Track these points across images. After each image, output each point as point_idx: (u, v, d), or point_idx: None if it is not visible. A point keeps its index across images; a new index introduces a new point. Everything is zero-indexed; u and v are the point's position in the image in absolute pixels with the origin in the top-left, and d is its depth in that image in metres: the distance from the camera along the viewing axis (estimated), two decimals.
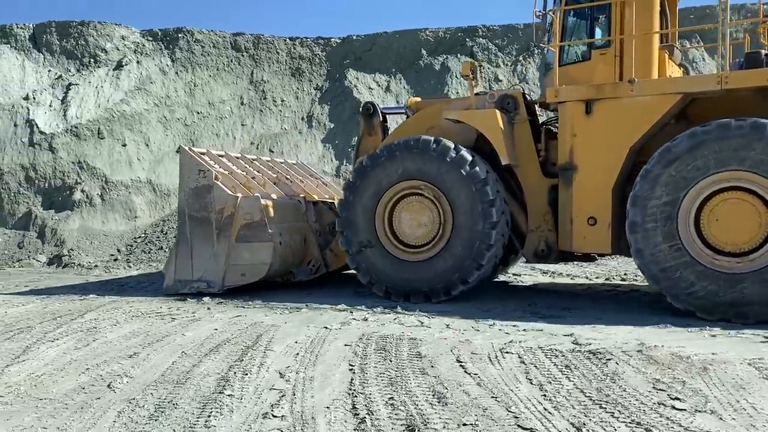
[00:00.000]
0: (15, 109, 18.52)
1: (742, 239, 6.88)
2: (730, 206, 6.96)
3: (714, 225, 7.00)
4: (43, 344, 6.08)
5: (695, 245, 7.02)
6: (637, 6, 7.86)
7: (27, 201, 17.21)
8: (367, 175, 8.73)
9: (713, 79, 7.43)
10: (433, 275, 8.30)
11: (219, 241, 9.16)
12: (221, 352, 5.70)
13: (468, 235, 8.15)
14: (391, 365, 5.16)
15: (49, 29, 20.27)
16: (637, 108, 7.71)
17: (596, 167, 7.93)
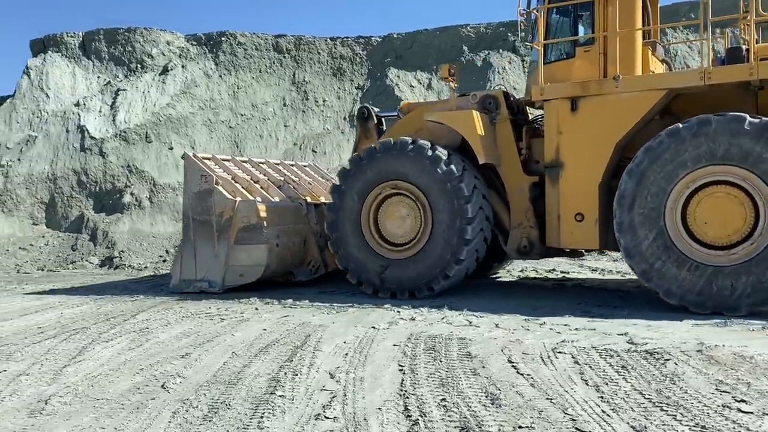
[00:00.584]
0: (66, 115, 19.11)
1: (728, 232, 6.93)
2: (715, 200, 7.01)
3: (701, 219, 7.06)
4: (98, 345, 6.22)
5: (683, 240, 7.08)
6: (619, 3, 7.94)
7: (79, 204, 17.72)
8: (351, 178, 9.01)
9: (696, 75, 7.47)
10: (416, 272, 8.55)
11: (219, 242, 9.55)
12: (271, 352, 5.73)
13: (446, 231, 8.37)
14: (442, 366, 5.10)
15: (98, 37, 20.83)
16: (622, 104, 7.76)
17: (583, 164, 8.03)
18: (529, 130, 9.02)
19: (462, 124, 8.75)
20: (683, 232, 7.11)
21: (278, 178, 11.14)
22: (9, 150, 18.45)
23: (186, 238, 9.94)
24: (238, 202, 9.50)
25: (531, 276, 11.05)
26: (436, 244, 8.45)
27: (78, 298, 9.76)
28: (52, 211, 17.85)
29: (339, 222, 9.06)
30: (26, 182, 17.97)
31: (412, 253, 8.65)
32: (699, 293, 6.92)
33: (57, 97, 19.51)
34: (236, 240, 9.44)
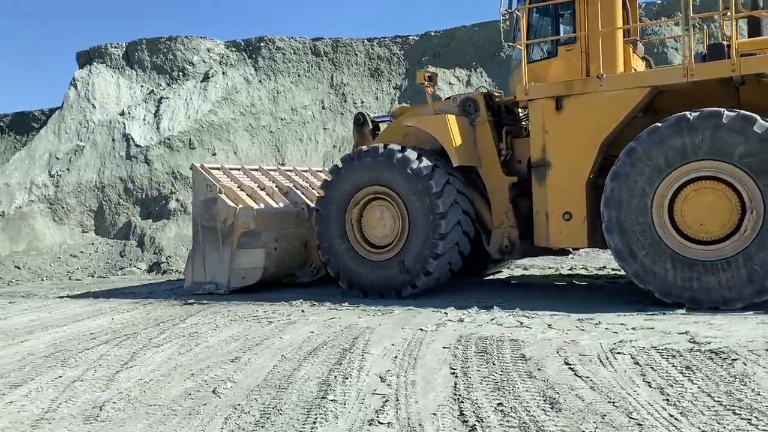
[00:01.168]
0: (112, 124, 19.54)
1: (716, 227, 6.94)
2: (701, 196, 7.02)
3: (688, 216, 7.08)
4: (149, 350, 6.26)
5: (672, 238, 7.10)
6: (600, 2, 8.02)
7: (126, 212, 18.09)
8: (332, 186, 9.35)
9: (679, 72, 7.50)
10: (399, 270, 8.77)
11: (224, 247, 10.14)
12: (320, 355, 5.67)
13: (421, 228, 8.60)
14: (495, 368, 4.95)
15: (140, 47, 21.25)
16: (606, 102, 7.80)
17: (569, 163, 8.06)
18: (511, 131, 9.14)
19: (435, 128, 8.95)
20: (671, 229, 7.12)
21: (285, 185, 11.54)
22: (58, 160, 18.95)
23: (195, 243, 10.54)
24: (239, 209, 10.02)
25: (581, 274, 10.77)
26: (414, 243, 8.67)
27: (128, 303, 9.91)
28: (101, 219, 18.26)
29: (326, 229, 9.37)
30: (75, 191, 18.43)
31: (393, 254, 8.91)
32: (692, 289, 6.93)
33: (103, 107, 19.98)
34: (238, 245, 9.98)
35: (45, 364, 5.88)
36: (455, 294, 9.01)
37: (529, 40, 8.54)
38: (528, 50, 8.55)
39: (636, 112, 7.79)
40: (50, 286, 13.42)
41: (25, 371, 5.64)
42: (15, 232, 17.12)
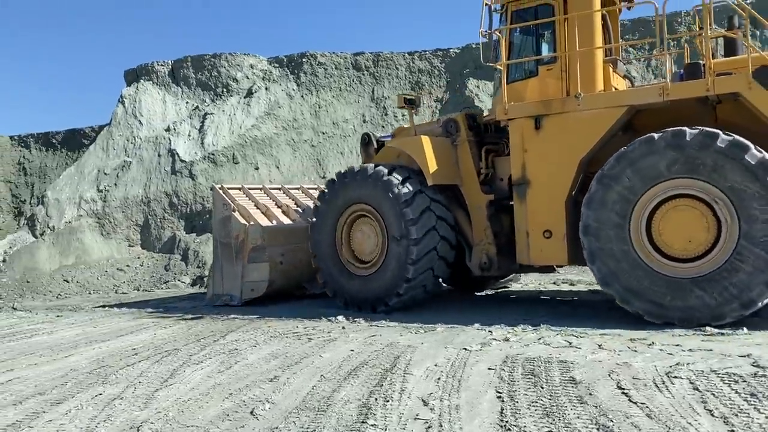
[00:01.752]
0: (158, 140, 19.91)
1: (692, 245, 6.98)
2: (678, 214, 7.08)
3: (665, 233, 7.13)
4: (188, 367, 6.21)
5: (650, 255, 7.14)
6: (579, 22, 8.09)
7: (171, 226, 18.35)
8: (325, 202, 9.78)
9: (655, 91, 7.56)
10: (376, 287, 9.12)
11: (237, 262, 10.74)
12: (360, 375, 5.51)
13: (396, 251, 8.94)
14: (544, 392, 4.70)
15: (186, 64, 21.66)
16: (584, 121, 7.88)
17: (548, 181, 8.16)
18: (492, 150, 9.30)
19: (412, 149, 9.27)
20: (649, 246, 7.17)
21: (303, 202, 12.03)
22: (107, 176, 19.39)
23: (215, 258, 11.30)
24: (248, 226, 10.64)
25: None
26: (389, 263, 9.01)
27: (170, 318, 9.95)
28: (147, 233, 18.57)
29: (319, 239, 9.82)
30: (122, 206, 18.80)
31: (373, 271, 9.25)
32: (679, 308, 6.92)
33: (149, 123, 20.40)
34: (248, 259, 10.55)
35: (86, 380, 5.88)
36: (501, 310, 8.76)
37: (509, 60, 8.69)
38: (510, 70, 8.71)
39: (614, 131, 7.83)
40: (97, 300, 13.65)
41: (66, 388, 5.64)
42: (64, 246, 17.55)
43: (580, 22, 8.12)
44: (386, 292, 9.01)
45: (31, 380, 6.03)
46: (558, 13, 8.37)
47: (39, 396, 5.41)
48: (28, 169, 23.17)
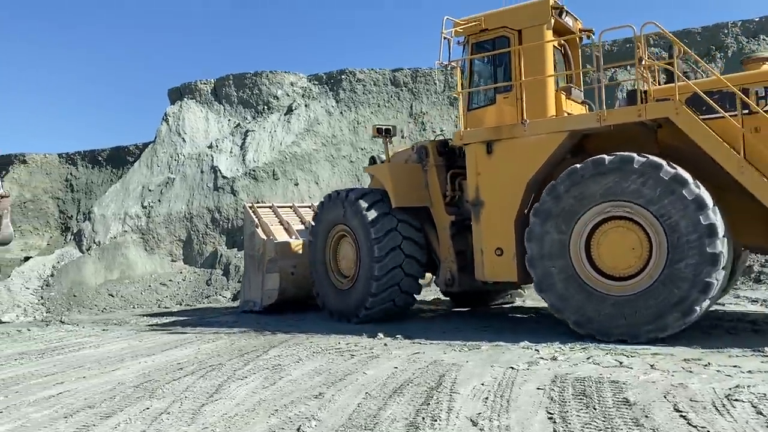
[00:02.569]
0: (201, 157, 20.27)
1: (626, 264, 7.38)
2: (614, 235, 7.52)
3: (602, 252, 7.58)
4: (233, 382, 6.22)
5: (588, 273, 7.59)
6: (531, 54, 8.67)
7: (213, 241, 18.60)
8: (317, 222, 10.86)
9: (594, 117, 8.04)
10: (350, 301, 10.05)
11: (259, 272, 12.04)
12: (405, 393, 5.43)
13: (364, 268, 9.80)
14: (597, 414, 4.55)
15: (228, 82, 22.06)
16: (530, 146, 8.44)
17: (499, 202, 8.71)
18: (460, 173, 9.76)
19: (381, 175, 10.22)
20: (587, 265, 7.62)
21: None
22: (151, 192, 19.80)
23: (245, 269, 12.85)
24: (266, 240, 11.96)
25: None
26: (360, 279, 9.87)
27: (213, 333, 10.03)
28: (189, 248, 18.85)
29: (314, 255, 10.86)
30: (166, 221, 19.14)
31: (350, 285, 10.16)
32: (604, 322, 7.36)
33: (192, 140, 20.80)
34: (266, 270, 11.78)
35: (134, 394, 5.93)
36: (548, 328, 8.58)
37: (467, 89, 9.40)
38: (471, 97, 9.37)
39: (559, 154, 8.33)
40: (141, 314, 13.86)
41: (115, 401, 5.70)
42: (110, 261, 17.93)
43: (532, 53, 8.70)
44: (357, 305, 9.90)
45: (80, 393, 6.11)
46: (513, 44, 8.86)
47: (89, 409, 5.48)
48: (74, 185, 23.83)
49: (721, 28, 18.13)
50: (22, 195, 23.06)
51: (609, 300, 7.36)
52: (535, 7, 8.76)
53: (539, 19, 8.69)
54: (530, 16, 8.77)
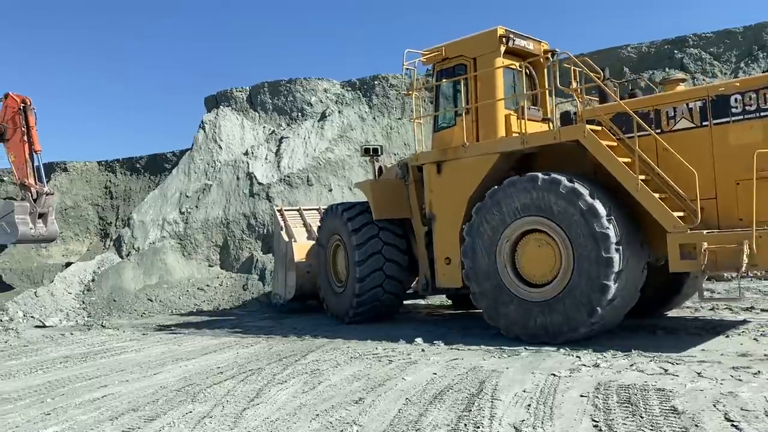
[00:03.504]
0: (237, 164, 20.50)
1: (543, 272, 8.13)
2: (532, 246, 8.28)
3: (524, 262, 8.35)
4: (273, 386, 6.26)
5: (513, 282, 8.35)
6: (482, 79, 9.40)
7: (249, 246, 18.77)
8: (320, 230, 12.15)
9: (517, 140, 8.79)
10: (343, 302, 11.12)
11: (283, 270, 13.58)
12: (446, 400, 5.40)
13: (351, 272, 10.80)
14: (644, 423, 4.45)
15: (263, 89, 22.29)
16: (470, 166, 9.30)
17: (447, 216, 9.62)
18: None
19: (365, 190, 11.25)
20: (512, 274, 8.38)
21: None
22: (188, 198, 20.09)
23: (275, 266, 14.41)
24: (288, 242, 13.36)
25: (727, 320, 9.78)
26: (349, 282, 10.90)
27: (251, 337, 10.12)
28: (225, 253, 19.05)
29: (318, 264, 12.09)
30: (203, 227, 19.39)
31: (342, 289, 11.22)
32: (527, 326, 8.10)
33: (228, 147, 21.04)
34: (287, 268, 13.25)
35: (176, 398, 6.01)
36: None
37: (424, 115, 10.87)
38: (437, 119, 10.27)
39: (496, 173, 9.00)
40: (179, 319, 14.06)
41: (158, 405, 5.78)
42: (148, 267, 18.20)
43: (483, 78, 9.41)
44: (347, 307, 10.90)
45: (124, 396, 6.22)
46: (469, 71, 9.60)
47: (133, 412, 5.56)
48: (114, 192, 24.31)
49: (764, 27, 17.68)
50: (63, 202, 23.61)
51: (531, 305, 8.09)
52: (486, 36, 9.50)
53: (489, 47, 9.43)
54: (482, 45, 9.52)
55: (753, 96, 7.41)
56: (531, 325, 8.05)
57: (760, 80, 7.56)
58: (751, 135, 7.34)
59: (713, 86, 7.97)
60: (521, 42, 9.65)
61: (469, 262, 8.74)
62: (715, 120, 7.65)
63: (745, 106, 7.45)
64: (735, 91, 7.55)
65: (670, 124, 7.95)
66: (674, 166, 7.60)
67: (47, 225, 16.27)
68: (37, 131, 15.85)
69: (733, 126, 7.51)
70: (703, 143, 7.66)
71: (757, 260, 6.84)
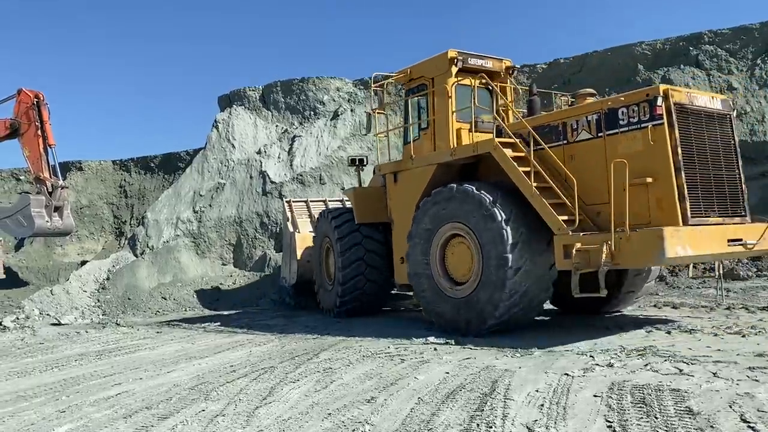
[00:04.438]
0: (250, 162, 20.57)
1: (463, 272, 9.13)
2: (456, 248, 9.30)
3: (450, 263, 9.39)
4: (285, 385, 6.27)
5: (442, 281, 9.38)
6: (438, 97, 10.27)
7: (262, 245, 18.84)
8: (316, 230, 13.41)
9: (448, 152, 9.81)
10: (331, 299, 12.31)
11: (288, 257, 14.82)
12: (458, 399, 5.38)
13: (338, 273, 11.93)
14: (659, 423, 4.41)
15: (275, 88, 22.34)
16: (416, 176, 10.46)
17: (401, 220, 10.72)
18: None
19: (350, 198, 12.37)
20: (442, 274, 9.41)
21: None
22: (202, 197, 20.19)
23: (283, 253, 15.48)
24: (292, 233, 14.57)
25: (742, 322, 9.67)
26: (335, 282, 12.05)
27: (263, 335, 10.15)
28: (239, 252, 19.14)
29: (314, 261, 13.31)
30: (216, 226, 19.48)
31: (331, 287, 12.43)
32: (454, 321, 9.08)
33: (241, 146, 21.12)
34: (291, 257, 14.52)
35: (189, 396, 6.04)
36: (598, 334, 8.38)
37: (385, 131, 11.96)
38: (406, 133, 11.16)
39: (437, 182, 9.84)
40: (193, 317, 14.14)
41: (171, 403, 5.81)
42: (162, 265, 18.33)
43: (437, 95, 10.27)
44: (334, 302, 12.10)
45: (138, 394, 6.26)
46: (429, 89, 10.48)
47: (146, 410, 5.60)
48: (128, 191, 24.49)
49: None
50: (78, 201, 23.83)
51: (456, 302, 9.06)
52: (439, 59, 10.33)
53: (442, 68, 10.23)
54: (437, 67, 10.35)
55: (635, 109, 8.08)
56: (457, 319, 9.01)
57: (640, 95, 8.15)
58: (633, 144, 8.05)
59: (606, 100, 8.66)
60: (478, 61, 10.49)
61: (411, 263, 9.87)
62: (607, 131, 8.34)
63: (629, 118, 8.13)
64: (621, 104, 8.24)
65: (575, 136, 8.74)
66: (576, 174, 8.28)
67: (63, 218, 16.33)
68: (51, 126, 15.92)
69: (620, 136, 8.20)
70: (599, 152, 8.35)
71: (618, 259, 7.51)
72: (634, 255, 7.48)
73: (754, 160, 16.27)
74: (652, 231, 7.37)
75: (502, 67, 10.84)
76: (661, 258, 7.29)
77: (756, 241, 8.18)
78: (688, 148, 7.94)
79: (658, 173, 7.79)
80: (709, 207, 8.05)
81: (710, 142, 8.30)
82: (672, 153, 7.77)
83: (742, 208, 8.56)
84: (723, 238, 7.93)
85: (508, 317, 8.60)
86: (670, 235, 7.24)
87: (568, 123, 8.81)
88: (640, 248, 7.41)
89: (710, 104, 8.46)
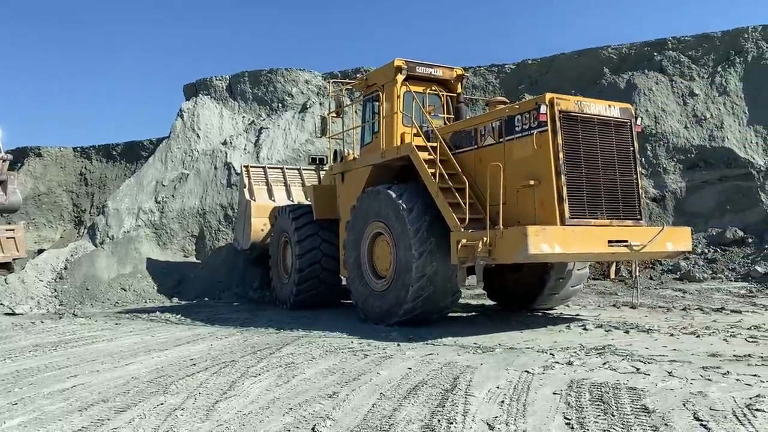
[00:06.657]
0: (215, 153, 20.30)
1: (385, 267, 9.90)
2: (380, 245, 10.09)
3: (376, 259, 10.17)
4: (246, 379, 6.21)
5: (369, 275, 10.17)
6: (386, 103, 10.90)
7: (225, 238, 18.62)
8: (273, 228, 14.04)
9: (378, 155, 10.68)
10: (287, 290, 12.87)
11: (242, 222, 15.27)
12: (420, 395, 5.40)
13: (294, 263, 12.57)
14: (615, 421, 4.50)
15: (243, 79, 22.09)
16: (357, 176, 11.31)
17: (345, 217, 11.36)
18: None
19: (309, 194, 13.27)
20: (369, 268, 10.19)
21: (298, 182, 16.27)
22: (165, 187, 19.84)
23: (237, 217, 16.11)
24: (248, 200, 15.07)
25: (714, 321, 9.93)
26: (292, 270, 12.64)
27: (225, 329, 10.04)
28: (201, 244, 18.88)
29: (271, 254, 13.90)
30: (179, 217, 19.18)
31: (287, 279, 13.01)
32: (376, 311, 9.85)
33: (206, 136, 20.82)
34: (245, 223, 15.04)
35: (147, 389, 5.93)
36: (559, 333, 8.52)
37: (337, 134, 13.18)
38: (363, 136, 11.96)
39: (374, 181, 10.58)
40: (153, 309, 13.90)
41: (129, 396, 5.70)
42: (122, 255, 17.94)
43: (386, 100, 10.89)
44: (289, 294, 12.65)
45: (94, 387, 6.12)
46: (381, 96, 11.06)
47: (103, 403, 5.48)
48: (89, 179, 23.95)
49: (742, 32, 17.94)
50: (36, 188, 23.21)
51: (378, 294, 9.81)
52: (387, 68, 11.01)
53: (390, 76, 10.86)
54: (385, 75, 11.01)
55: (527, 116, 8.66)
56: (377, 311, 9.77)
57: (531, 103, 8.75)
58: (524, 149, 8.65)
59: (506, 108, 9.26)
60: (426, 69, 11.12)
61: (346, 258, 10.74)
62: (506, 137, 8.98)
63: (522, 125, 8.74)
64: (517, 112, 8.87)
65: (483, 141, 9.41)
66: (483, 177, 8.87)
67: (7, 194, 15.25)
68: None
69: (515, 142, 8.83)
70: (500, 157, 8.91)
71: (494, 254, 8.18)
72: (505, 250, 8.06)
73: (713, 165, 16.73)
74: (518, 229, 7.98)
75: (453, 75, 11.42)
76: (525, 254, 7.79)
77: (642, 244, 8.50)
78: (572, 153, 8.48)
79: (541, 176, 8.40)
80: (596, 209, 8.56)
81: (603, 147, 8.77)
82: (554, 158, 8.32)
83: (637, 212, 8.95)
84: (603, 239, 8.31)
85: (414, 309, 9.22)
86: (534, 233, 7.78)
87: (478, 129, 9.50)
88: (509, 244, 8.00)
89: (606, 112, 8.91)
